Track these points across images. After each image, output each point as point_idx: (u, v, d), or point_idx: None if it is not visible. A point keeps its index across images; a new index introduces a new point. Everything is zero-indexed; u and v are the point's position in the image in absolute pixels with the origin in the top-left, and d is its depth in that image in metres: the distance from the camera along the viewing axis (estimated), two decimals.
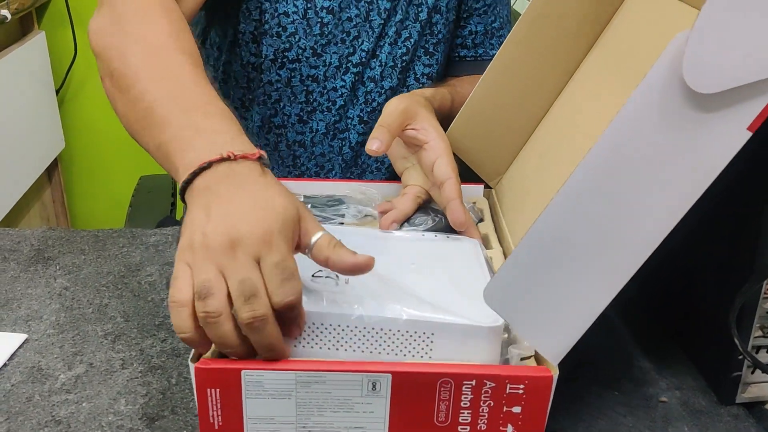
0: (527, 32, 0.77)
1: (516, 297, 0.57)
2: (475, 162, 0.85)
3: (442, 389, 0.56)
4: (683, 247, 0.59)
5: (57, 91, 2.12)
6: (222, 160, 0.58)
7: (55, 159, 2.22)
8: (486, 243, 0.76)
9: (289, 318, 0.55)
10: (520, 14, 0.76)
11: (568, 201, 0.54)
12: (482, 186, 0.86)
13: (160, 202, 1.36)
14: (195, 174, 0.58)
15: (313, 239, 0.56)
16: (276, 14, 0.98)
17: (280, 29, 0.98)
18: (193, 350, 0.56)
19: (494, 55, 1.09)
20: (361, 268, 0.56)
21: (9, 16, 1.80)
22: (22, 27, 2.04)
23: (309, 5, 0.97)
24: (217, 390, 0.55)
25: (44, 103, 2.07)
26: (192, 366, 0.54)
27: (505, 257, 0.73)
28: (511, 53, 0.78)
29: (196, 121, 0.63)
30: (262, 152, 0.60)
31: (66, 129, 2.22)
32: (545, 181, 0.74)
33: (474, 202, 0.83)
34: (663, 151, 0.52)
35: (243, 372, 0.54)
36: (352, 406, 0.56)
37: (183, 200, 0.61)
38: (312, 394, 0.55)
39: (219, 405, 0.55)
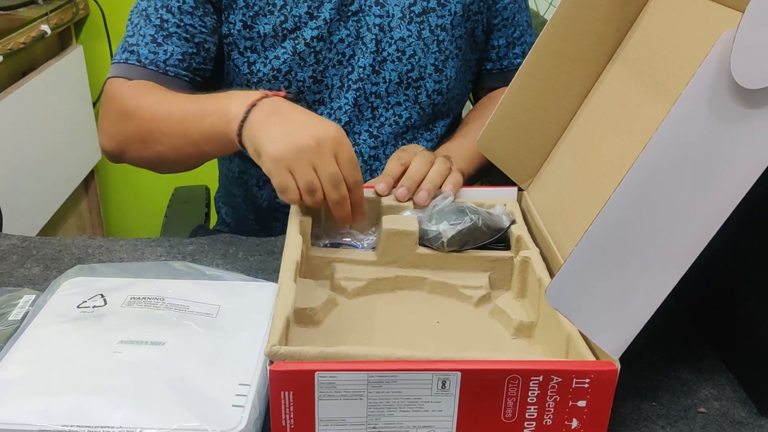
0: (553, 37, 0.78)
1: (578, 294, 0.58)
2: (507, 165, 0.86)
3: (510, 386, 0.57)
4: (723, 255, 0.59)
5: (94, 104, 2.15)
6: (262, 98, 0.78)
7: (92, 170, 2.25)
8: (520, 244, 0.77)
9: (354, 200, 0.76)
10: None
11: (625, 199, 0.55)
12: (516, 189, 0.87)
13: (195, 213, 1.36)
14: (248, 111, 0.77)
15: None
16: (267, 61, 0.98)
17: (276, 72, 0.98)
18: (269, 348, 0.56)
19: (518, 62, 1.12)
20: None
21: (49, 31, 1.83)
22: (60, 41, 2.08)
23: (297, 42, 0.96)
24: (291, 392, 0.56)
25: (81, 115, 2.10)
26: (267, 369, 0.55)
27: (543, 258, 0.74)
28: (538, 58, 0.80)
29: (220, 96, 0.82)
30: (285, 92, 0.81)
31: None
32: (581, 181, 0.75)
33: (505, 204, 0.84)
34: (714, 146, 0.54)
35: (317, 374, 0.55)
36: (422, 405, 0.57)
37: (241, 144, 0.78)
38: (383, 394, 0.56)
39: (292, 408, 0.57)
